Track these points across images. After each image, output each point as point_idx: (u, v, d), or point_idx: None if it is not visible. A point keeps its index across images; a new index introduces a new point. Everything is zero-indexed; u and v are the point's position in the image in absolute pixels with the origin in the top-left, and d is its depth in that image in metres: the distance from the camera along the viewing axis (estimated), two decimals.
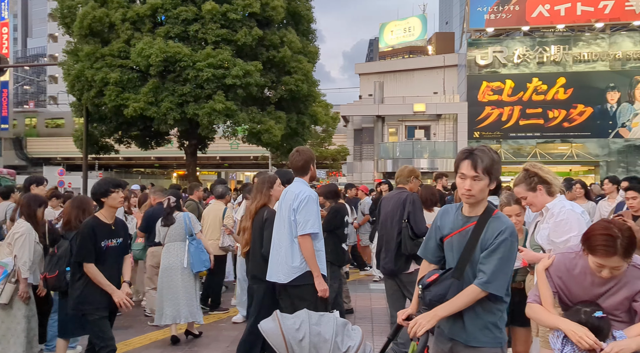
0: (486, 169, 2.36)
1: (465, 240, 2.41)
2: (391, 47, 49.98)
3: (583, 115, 26.22)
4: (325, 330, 2.00)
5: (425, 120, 28.98)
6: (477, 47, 27.65)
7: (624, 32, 26.16)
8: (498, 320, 2.42)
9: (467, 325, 2.41)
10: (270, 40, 18.20)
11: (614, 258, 2.21)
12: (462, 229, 2.44)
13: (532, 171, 3.29)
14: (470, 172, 2.37)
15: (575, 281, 2.41)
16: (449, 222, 2.53)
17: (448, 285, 2.41)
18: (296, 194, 3.81)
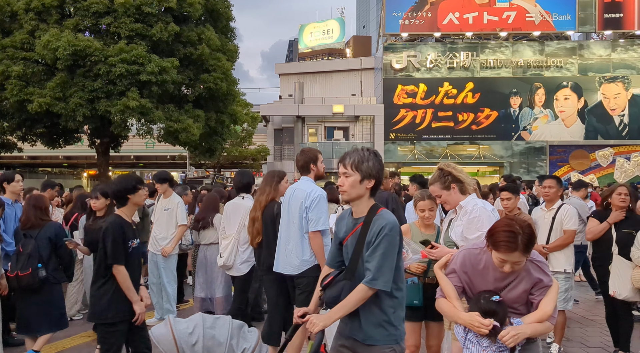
0: (354, 165, 2.47)
1: (354, 242, 2.49)
2: (310, 48, 50.51)
3: (489, 118, 27.89)
4: (220, 333, 1.96)
5: (344, 121, 29.56)
6: (393, 51, 28.62)
7: (525, 41, 28.16)
8: (391, 316, 2.47)
9: (363, 324, 2.46)
10: (188, 36, 17.74)
11: (515, 253, 2.32)
12: (353, 231, 2.51)
13: (446, 170, 3.39)
14: (341, 169, 2.50)
15: (480, 276, 2.53)
16: (343, 225, 2.61)
17: (341, 286, 2.47)
18: (308, 193, 4.07)
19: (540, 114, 27.64)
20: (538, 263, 2.47)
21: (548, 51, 27.68)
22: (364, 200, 2.51)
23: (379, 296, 2.44)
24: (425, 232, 3.86)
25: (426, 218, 3.85)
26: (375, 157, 2.51)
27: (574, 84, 27.36)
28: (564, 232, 4.80)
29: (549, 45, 27.79)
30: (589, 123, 27.37)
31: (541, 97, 27.53)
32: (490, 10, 28.01)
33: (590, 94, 27.33)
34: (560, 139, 27.48)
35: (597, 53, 27.50)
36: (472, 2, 28.08)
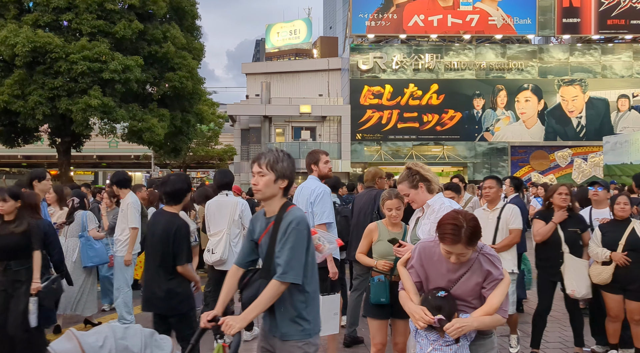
0: (270, 164, 2.54)
1: (268, 241, 2.54)
2: (278, 48, 50.37)
3: (453, 119, 28.42)
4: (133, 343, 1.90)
5: (311, 122, 29.59)
6: (359, 52, 28.82)
7: (488, 44, 28.81)
8: (304, 311, 2.52)
9: (278, 321, 2.52)
10: (152, 34, 17.42)
11: (458, 245, 2.38)
12: (267, 230, 2.57)
13: (414, 169, 3.42)
14: (255, 169, 2.55)
15: (434, 268, 2.58)
16: (258, 226, 2.65)
17: (258, 286, 2.50)
18: (312, 189, 4.40)
19: (502, 115, 28.32)
20: (489, 256, 2.52)
21: (510, 54, 28.39)
22: (276, 199, 2.58)
23: (291, 292, 2.49)
24: (392, 230, 3.91)
25: (393, 217, 3.89)
26: (288, 158, 2.60)
27: (535, 87, 28.15)
28: (509, 231, 4.85)
29: (510, 48, 28.51)
30: (549, 124, 28.21)
31: (503, 98, 28.21)
32: (454, 13, 28.54)
33: (550, 96, 28.18)
34: (521, 139, 28.21)
35: (556, 56, 28.37)
36: (437, 4, 28.55)
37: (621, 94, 27.96)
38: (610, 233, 4.59)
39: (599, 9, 28.16)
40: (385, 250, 3.78)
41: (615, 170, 18.70)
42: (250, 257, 2.70)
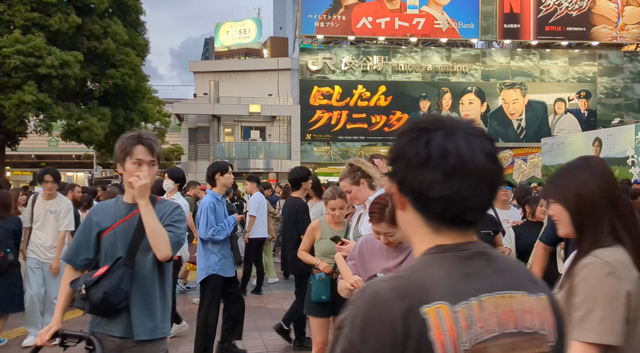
0: (158, 155, 2.47)
1: (132, 228, 2.41)
2: (227, 47, 49.75)
3: (400, 121, 28.84)
4: None
5: (261, 122, 29.38)
6: (309, 53, 28.84)
7: (433, 47, 29.46)
8: (157, 312, 2.46)
9: (134, 321, 2.40)
10: (92, 29, 16.78)
11: (382, 224, 2.44)
12: (127, 217, 2.44)
13: (356, 166, 3.44)
14: (147, 157, 2.40)
15: (375, 256, 2.62)
16: (109, 214, 2.49)
17: (121, 274, 2.34)
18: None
19: None
20: None
21: (454, 57, 29.15)
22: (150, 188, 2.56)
23: (149, 292, 2.43)
24: (335, 228, 3.89)
25: (336, 217, 3.85)
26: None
27: (478, 89, 29.02)
28: None
29: (455, 51, 29.27)
30: (491, 126, 29.13)
31: (448, 101, 28.92)
32: (402, 16, 29.03)
33: (492, 99, 29.12)
34: None
35: (498, 60, 29.36)
36: (385, 7, 28.95)
37: (558, 97, 29.23)
38: (525, 237, 4.39)
39: (537, 16, 29.34)
40: (328, 248, 3.76)
41: (552, 170, 19.52)
42: (87, 254, 2.49)
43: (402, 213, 1.06)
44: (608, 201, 1.64)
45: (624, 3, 29.38)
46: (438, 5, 29.03)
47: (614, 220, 1.62)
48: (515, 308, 0.98)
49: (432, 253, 1.00)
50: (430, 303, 0.91)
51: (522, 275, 1.04)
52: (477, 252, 1.01)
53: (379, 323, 0.90)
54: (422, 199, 0.99)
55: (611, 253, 1.56)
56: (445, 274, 0.96)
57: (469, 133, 0.99)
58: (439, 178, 0.95)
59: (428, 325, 0.90)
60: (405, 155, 0.99)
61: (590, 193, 1.65)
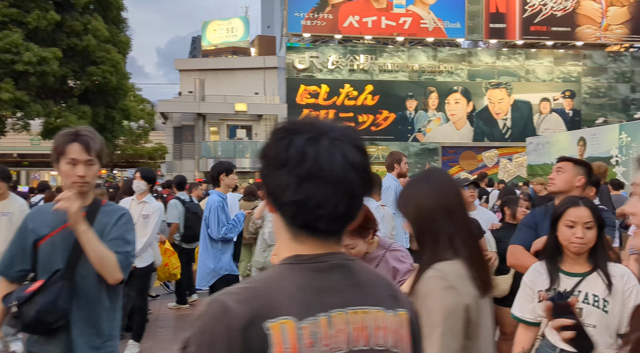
0: (98, 152, 2.22)
1: (74, 236, 2.14)
2: (214, 46, 49.41)
3: (387, 120, 28.85)
4: None
5: (247, 120, 29.26)
6: (295, 51, 28.71)
7: (420, 47, 29.45)
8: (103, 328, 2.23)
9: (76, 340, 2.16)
10: (72, 26, 16.53)
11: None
12: (68, 224, 2.15)
13: None
14: (82, 156, 2.17)
15: None
16: (46, 220, 2.22)
17: (58, 289, 2.09)
18: (382, 185, 5.02)
19: (433, 116, 29.03)
20: (396, 252, 2.44)
21: (440, 57, 29.15)
22: (91, 190, 2.30)
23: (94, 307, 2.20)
24: None
25: None
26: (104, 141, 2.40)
27: (464, 89, 29.04)
28: None
29: (441, 51, 29.27)
30: (477, 126, 29.19)
31: (434, 100, 28.92)
32: (388, 15, 28.98)
33: (478, 98, 29.16)
34: (451, 140, 29.03)
35: (484, 60, 29.40)
36: (371, 6, 28.88)
37: (543, 97, 29.34)
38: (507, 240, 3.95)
39: (522, 16, 29.43)
40: None
41: (537, 169, 19.56)
42: (23, 265, 2.22)
43: (274, 216, 1.01)
44: (446, 214, 1.62)
45: (608, 4, 29.55)
46: (424, 4, 29.01)
47: (453, 233, 1.60)
48: (368, 325, 0.94)
49: (288, 264, 0.95)
50: (276, 318, 0.86)
51: (381, 290, 1.00)
52: (335, 264, 0.96)
53: (221, 336, 0.84)
54: (277, 202, 0.95)
55: (451, 267, 1.55)
56: (297, 287, 0.91)
57: (335, 139, 0.97)
58: (293, 182, 0.92)
59: (269, 341, 0.84)
60: (268, 155, 0.97)
61: (428, 206, 1.64)
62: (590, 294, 2.19)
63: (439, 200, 1.63)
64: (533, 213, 3.32)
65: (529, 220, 3.22)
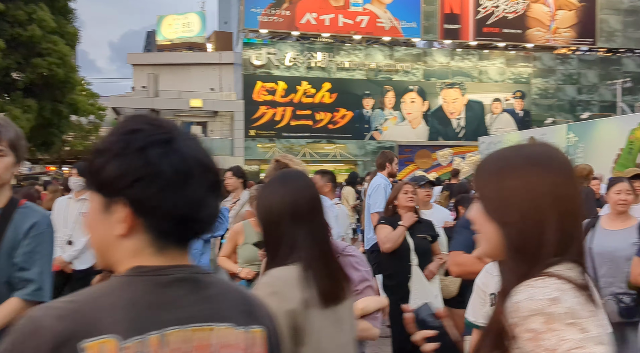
0: (12, 142, 1.92)
1: None
2: (170, 41, 48.47)
3: (345, 118, 28.96)
4: None
5: (203, 116, 28.81)
6: (252, 48, 28.43)
7: (377, 46, 29.68)
8: None
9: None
10: (15, 15, 15.75)
11: None
12: None
13: (283, 162, 3.12)
14: None
15: None
16: None
17: None
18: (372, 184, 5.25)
19: (390, 115, 29.34)
20: (349, 257, 2.20)
21: (397, 56, 29.48)
22: (6, 188, 1.98)
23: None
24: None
25: None
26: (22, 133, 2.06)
27: (419, 88, 29.47)
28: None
29: (397, 50, 29.60)
30: (432, 125, 29.69)
31: (391, 99, 29.22)
32: (346, 13, 29.07)
33: (433, 98, 29.65)
34: (407, 139, 29.41)
35: (439, 60, 29.92)
36: (329, 4, 28.89)
37: (495, 97, 30.11)
38: None
39: (475, 17, 30.11)
40: (251, 255, 3.40)
41: None
42: None
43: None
44: (294, 219, 1.56)
45: (557, 7, 30.59)
46: (381, 3, 29.25)
47: (296, 238, 1.55)
48: (213, 342, 0.86)
49: (126, 276, 0.85)
50: (95, 337, 0.76)
51: (233, 305, 0.92)
52: (180, 278, 0.87)
53: None
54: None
55: (282, 273, 1.51)
56: (127, 303, 0.81)
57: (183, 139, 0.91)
58: (129, 179, 0.85)
59: None
60: (106, 147, 0.89)
61: (277, 209, 1.59)
62: None
63: (289, 205, 1.58)
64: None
65: (465, 220, 2.92)
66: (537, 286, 0.95)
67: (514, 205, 1.02)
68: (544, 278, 0.96)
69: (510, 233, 1.03)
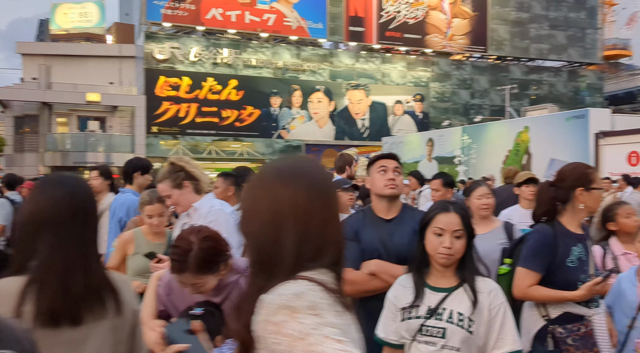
0: None
1: None
2: (65, 30, 45.35)
3: (252, 116, 28.75)
4: None
5: (101, 112, 27.33)
6: (155, 41, 27.39)
7: (284, 44, 29.76)
8: None
9: None
10: None
11: (185, 274, 1.90)
12: None
13: (178, 165, 2.90)
14: None
15: (183, 298, 2.07)
16: None
17: None
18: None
19: (297, 114, 29.56)
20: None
21: (304, 56, 29.76)
22: None
23: None
24: (153, 241, 3.23)
25: (155, 225, 3.21)
26: None
27: (326, 89, 29.97)
28: None
29: (304, 50, 29.89)
30: (338, 125, 30.32)
31: (298, 98, 29.46)
32: (252, 10, 28.87)
33: (339, 98, 30.29)
34: (314, 138, 29.80)
35: (344, 62, 30.62)
36: (235, 0, 28.53)
37: (397, 100, 31.37)
38: None
39: (379, 21, 31.17)
40: (142, 266, 3.11)
41: None
42: None
43: None
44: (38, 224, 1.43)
45: (453, 15, 32.48)
46: (288, 2, 29.37)
47: (39, 245, 1.41)
48: None
49: None
50: None
51: None
52: None
53: None
54: None
55: (2, 283, 1.39)
56: None
57: None
58: None
59: None
60: None
61: (24, 213, 1.47)
62: (455, 312, 1.94)
63: (33, 211, 1.45)
64: (350, 221, 2.66)
65: (347, 231, 2.52)
66: (285, 285, 0.99)
67: (255, 218, 1.05)
68: (295, 281, 1.00)
69: (250, 245, 1.06)
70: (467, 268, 1.99)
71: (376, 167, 2.61)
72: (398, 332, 2.01)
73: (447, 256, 1.95)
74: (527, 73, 33.96)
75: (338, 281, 1.04)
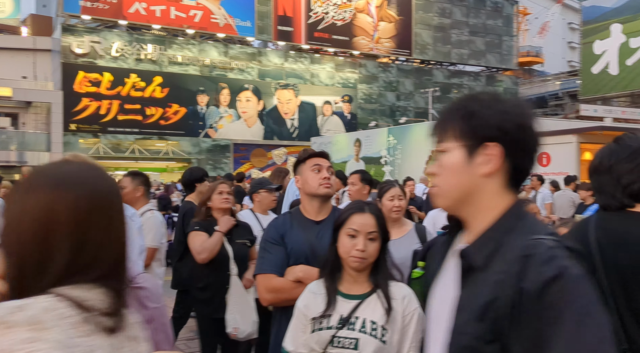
0: None
1: None
2: None
3: (178, 114, 27.98)
4: None
5: (13, 107, 25.65)
6: (74, 35, 26.01)
7: (211, 42, 29.20)
8: None
9: None
10: None
11: None
12: None
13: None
14: None
15: None
16: None
17: None
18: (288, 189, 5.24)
19: (225, 113, 29.11)
20: (138, 289, 1.75)
21: (232, 54, 29.34)
22: None
23: None
24: None
25: None
26: None
27: (255, 88, 29.72)
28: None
29: (232, 48, 29.48)
30: (267, 124, 30.18)
31: (226, 97, 29.01)
32: (178, 6, 28.10)
33: (268, 98, 30.15)
34: (243, 137, 29.48)
35: (273, 61, 30.50)
36: None
37: (326, 100, 31.67)
38: None
39: (307, 21, 31.33)
40: None
41: None
42: None
43: None
44: None
45: (379, 19, 33.24)
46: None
47: None
48: None
49: None
50: None
51: None
52: None
53: None
54: None
55: None
56: None
57: None
58: None
59: None
60: None
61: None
62: (368, 321, 1.85)
63: None
64: (275, 224, 2.49)
65: (272, 234, 2.42)
66: (19, 300, 0.89)
67: (21, 229, 0.95)
68: (37, 296, 0.91)
69: (13, 258, 0.96)
70: (380, 273, 1.91)
71: (309, 165, 2.46)
72: (308, 344, 1.90)
73: (361, 259, 1.87)
74: (448, 77, 35.37)
75: (112, 297, 0.96)
